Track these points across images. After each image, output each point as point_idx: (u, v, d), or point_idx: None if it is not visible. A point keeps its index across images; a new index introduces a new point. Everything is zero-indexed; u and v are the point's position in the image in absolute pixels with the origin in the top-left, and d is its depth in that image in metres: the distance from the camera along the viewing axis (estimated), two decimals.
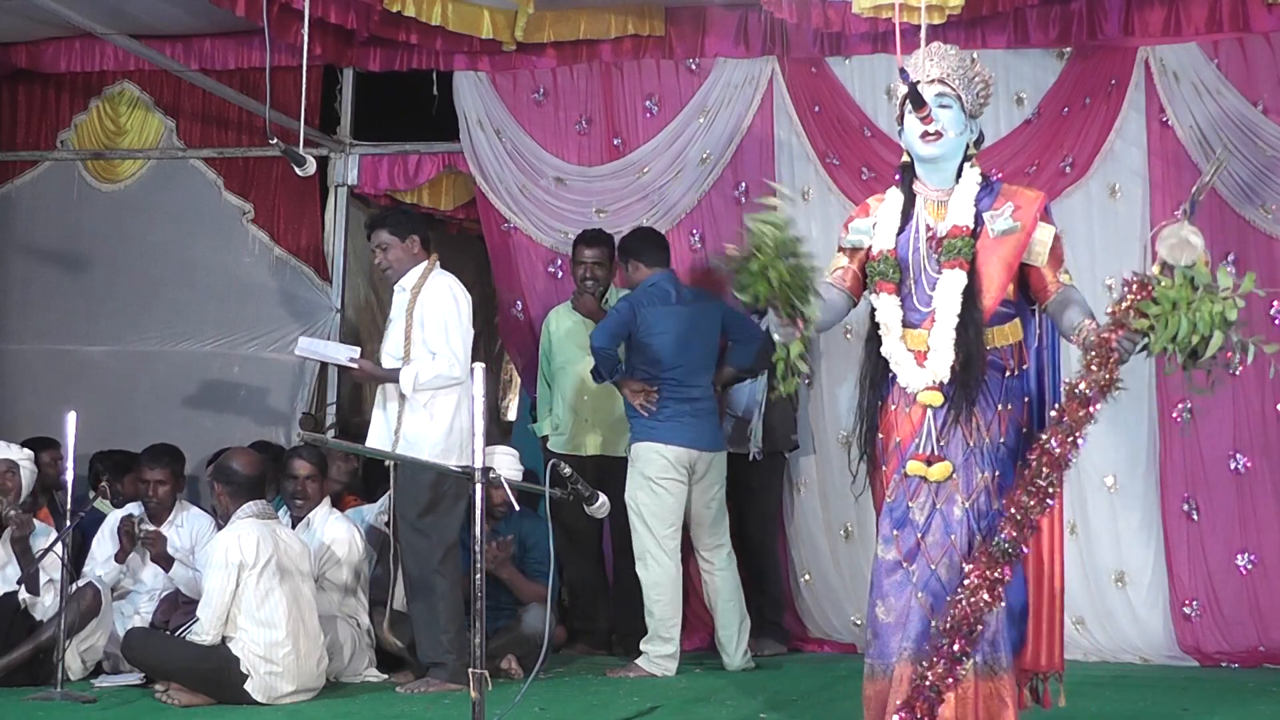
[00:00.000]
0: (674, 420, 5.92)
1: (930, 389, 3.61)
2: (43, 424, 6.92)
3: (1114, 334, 3.38)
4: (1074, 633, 6.46)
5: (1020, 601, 3.61)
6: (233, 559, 5.10)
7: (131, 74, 7.85)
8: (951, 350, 3.58)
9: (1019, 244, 3.63)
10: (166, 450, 6.15)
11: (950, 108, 3.64)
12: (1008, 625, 3.56)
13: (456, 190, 7.75)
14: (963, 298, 3.57)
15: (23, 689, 5.42)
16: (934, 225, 3.68)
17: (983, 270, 3.59)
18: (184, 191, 7.86)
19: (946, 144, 3.65)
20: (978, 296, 3.58)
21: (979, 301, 3.58)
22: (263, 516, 5.31)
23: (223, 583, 5.10)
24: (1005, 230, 3.60)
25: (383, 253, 5.65)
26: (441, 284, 5.61)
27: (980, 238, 3.62)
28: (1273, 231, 6.43)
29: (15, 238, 7.98)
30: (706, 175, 6.99)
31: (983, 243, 3.61)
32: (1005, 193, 3.69)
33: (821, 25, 6.47)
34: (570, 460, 5.65)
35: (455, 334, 5.52)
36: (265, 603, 5.13)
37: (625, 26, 6.96)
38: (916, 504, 3.61)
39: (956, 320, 3.57)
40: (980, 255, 3.60)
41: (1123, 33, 6.60)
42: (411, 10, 6.48)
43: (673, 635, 5.89)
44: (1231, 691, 5.46)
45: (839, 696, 5.32)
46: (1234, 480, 6.43)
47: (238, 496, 5.34)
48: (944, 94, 3.64)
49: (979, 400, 3.59)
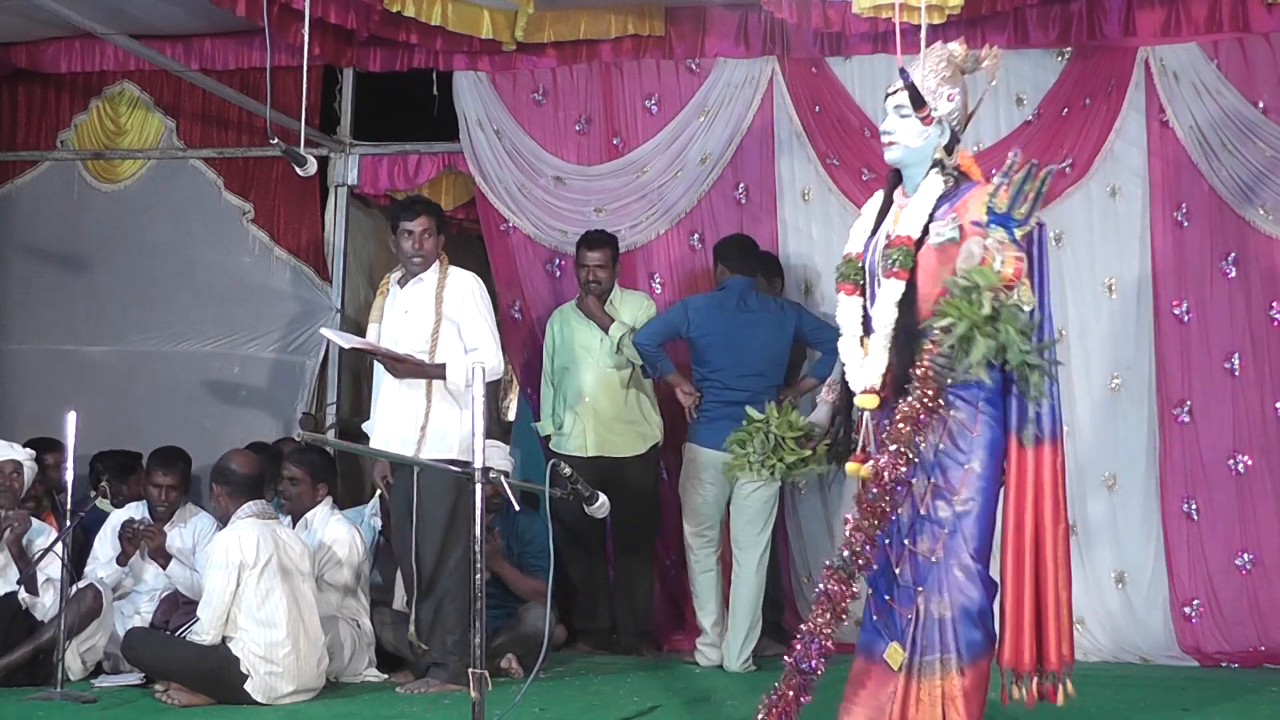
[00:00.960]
0: (714, 423, 5.98)
1: (867, 393, 3.69)
2: (43, 424, 6.92)
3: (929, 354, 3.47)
4: (1074, 633, 6.46)
5: (980, 603, 3.63)
6: (233, 559, 5.10)
7: (131, 74, 7.85)
8: (885, 357, 3.65)
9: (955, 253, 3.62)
10: (177, 455, 6.15)
11: (908, 117, 3.72)
12: (966, 627, 3.59)
13: (456, 190, 7.75)
14: (898, 307, 3.63)
15: (23, 689, 5.42)
16: (891, 232, 3.74)
17: (920, 280, 3.64)
18: (184, 191, 7.86)
19: (896, 153, 3.74)
20: (915, 305, 3.62)
21: (915, 311, 3.62)
22: (262, 516, 5.32)
23: (223, 582, 5.10)
24: (945, 240, 3.63)
25: (420, 239, 5.60)
26: (469, 279, 5.64)
27: (924, 247, 3.65)
28: (1273, 232, 6.43)
29: (15, 238, 7.99)
30: (706, 175, 6.99)
31: (923, 253, 3.65)
32: (973, 196, 3.67)
33: (821, 25, 6.47)
34: (571, 460, 5.67)
35: (494, 328, 5.60)
36: (266, 603, 5.12)
37: (625, 26, 6.96)
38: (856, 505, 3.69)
39: (892, 329, 3.64)
40: (920, 264, 3.64)
41: (1123, 33, 6.60)
42: (411, 10, 6.47)
43: (704, 625, 6.16)
44: (1231, 691, 5.46)
45: (839, 696, 5.31)
46: (1234, 480, 6.43)
47: (237, 497, 5.36)
48: (901, 105, 3.73)
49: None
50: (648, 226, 7.04)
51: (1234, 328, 6.48)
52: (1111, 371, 6.60)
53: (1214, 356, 6.49)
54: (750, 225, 6.97)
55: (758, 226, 6.96)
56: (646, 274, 7.06)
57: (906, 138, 3.72)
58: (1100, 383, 6.61)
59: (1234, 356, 6.47)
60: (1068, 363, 6.61)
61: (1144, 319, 6.58)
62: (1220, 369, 6.49)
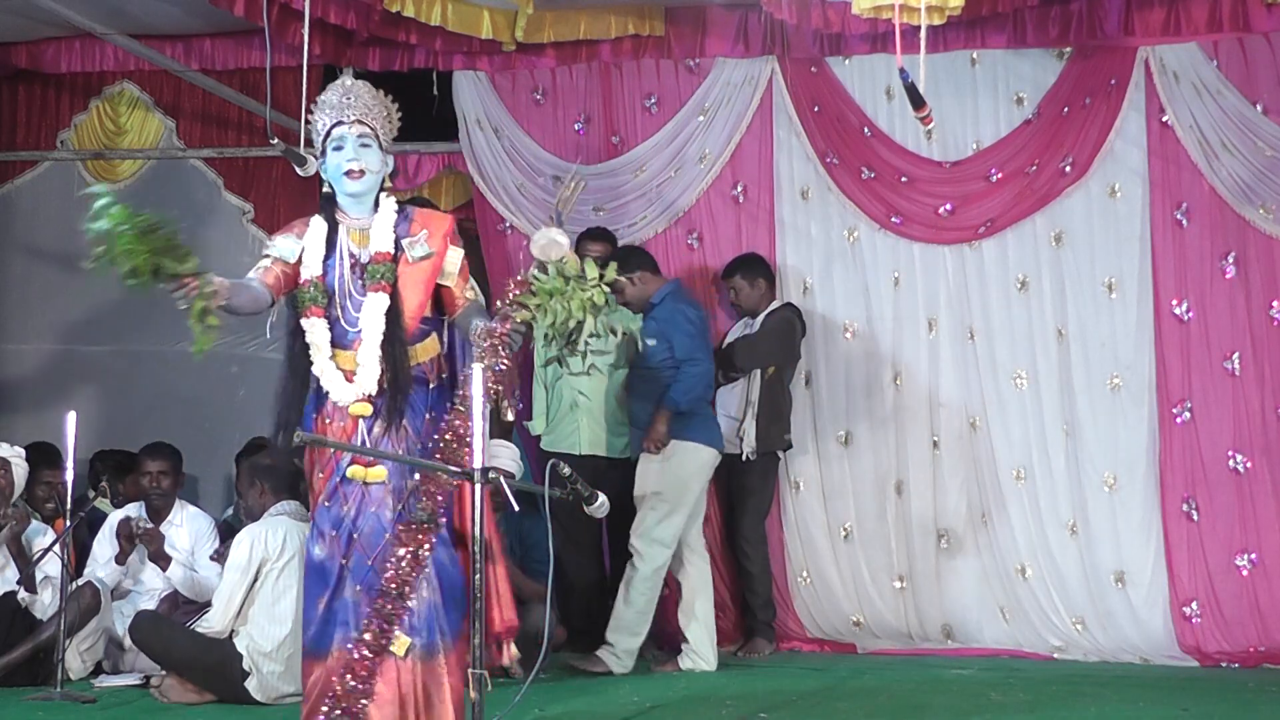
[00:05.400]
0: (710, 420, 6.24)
1: (360, 401, 3.89)
2: (43, 424, 6.91)
3: (502, 326, 3.80)
4: (1074, 633, 6.48)
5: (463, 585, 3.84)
6: (256, 553, 5.20)
7: (131, 74, 7.85)
8: (379, 366, 3.88)
9: (433, 267, 3.96)
10: (164, 445, 6.24)
11: (370, 146, 3.99)
12: (448, 609, 3.82)
13: (456, 190, 7.74)
14: (386, 319, 3.88)
15: (23, 689, 5.42)
16: (357, 252, 3.97)
17: (404, 292, 3.92)
18: (184, 191, 7.84)
19: (368, 181, 3.99)
20: (401, 316, 3.90)
21: (402, 321, 3.90)
22: (294, 516, 5.40)
23: (241, 575, 5.17)
24: (421, 256, 3.95)
25: None
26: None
27: (400, 263, 3.94)
28: (1273, 231, 6.44)
29: (15, 238, 7.98)
30: (705, 174, 7.00)
31: (402, 267, 3.93)
32: (419, 219, 4.03)
33: (821, 25, 6.46)
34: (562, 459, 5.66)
35: None
36: (281, 600, 5.16)
37: (625, 26, 6.95)
38: (352, 506, 3.88)
39: (382, 339, 3.87)
40: (401, 279, 3.93)
41: (1123, 33, 6.60)
42: (411, 10, 6.47)
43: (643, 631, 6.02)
44: (1231, 691, 5.47)
45: (839, 696, 5.33)
46: (1234, 480, 6.43)
47: (278, 492, 5.48)
48: (365, 135, 3.99)
49: (407, 411, 3.90)
50: (646, 225, 7.05)
51: (1234, 327, 6.48)
52: (1111, 371, 6.60)
53: (1214, 356, 6.50)
54: (749, 224, 6.98)
55: (756, 225, 6.97)
56: None
57: (372, 165, 3.99)
58: (1100, 383, 6.61)
59: (1234, 356, 6.48)
60: (1068, 362, 6.63)
61: (1144, 319, 6.58)
62: (1220, 369, 6.49)
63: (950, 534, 6.73)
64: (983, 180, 6.78)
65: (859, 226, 6.91)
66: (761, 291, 6.68)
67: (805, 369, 6.86)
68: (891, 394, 6.84)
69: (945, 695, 5.35)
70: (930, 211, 6.82)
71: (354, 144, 3.97)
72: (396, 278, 3.91)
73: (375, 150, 4.00)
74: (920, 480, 6.76)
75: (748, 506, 6.58)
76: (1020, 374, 6.70)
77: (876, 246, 6.89)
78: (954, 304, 6.80)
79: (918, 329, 6.83)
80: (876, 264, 6.89)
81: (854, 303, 6.90)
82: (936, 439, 6.76)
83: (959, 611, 6.68)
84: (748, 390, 6.53)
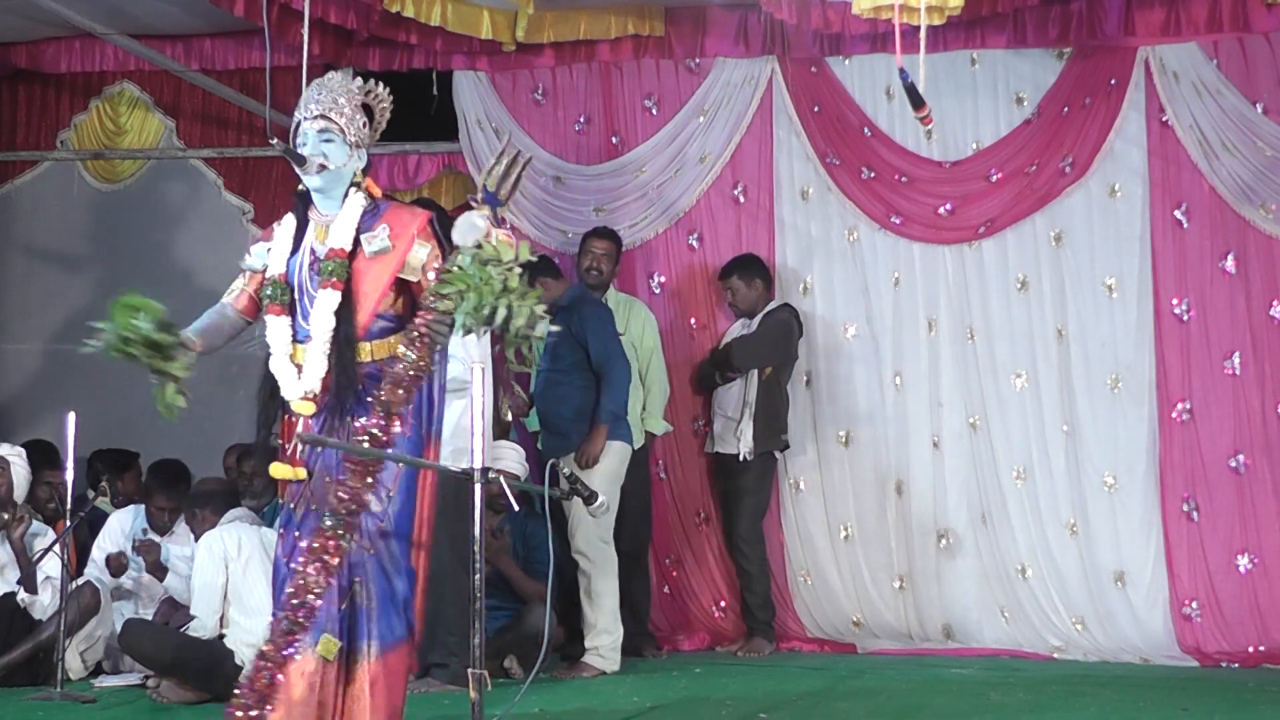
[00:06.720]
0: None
1: (303, 399, 3.85)
2: (43, 424, 6.91)
3: (425, 319, 3.71)
4: (1074, 633, 6.48)
5: (406, 591, 3.84)
6: (216, 551, 5.32)
7: (131, 74, 7.84)
8: (324, 364, 3.83)
9: (394, 262, 3.87)
10: (177, 475, 6.21)
11: (333, 141, 3.94)
12: (386, 614, 3.78)
13: (456, 190, 7.73)
14: (336, 316, 3.83)
15: (22, 689, 5.42)
16: (318, 248, 3.94)
17: (358, 288, 3.86)
18: (184, 191, 7.85)
19: (329, 175, 3.95)
20: (353, 313, 3.84)
21: (353, 318, 3.84)
22: (246, 520, 5.55)
23: (210, 575, 5.28)
24: (378, 250, 3.87)
25: None
26: None
27: (357, 258, 3.88)
28: (1273, 231, 6.44)
29: (15, 238, 7.98)
30: (705, 175, 7.00)
31: (359, 263, 3.87)
32: (389, 213, 3.96)
33: (821, 26, 6.46)
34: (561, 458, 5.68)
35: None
36: (254, 592, 5.21)
37: (625, 26, 6.95)
38: (300, 505, 3.87)
39: (330, 336, 3.83)
40: (356, 275, 3.86)
41: (1123, 33, 6.61)
42: (411, 10, 6.47)
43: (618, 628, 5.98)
44: (1231, 691, 5.46)
45: (838, 696, 5.33)
46: (1234, 480, 6.44)
47: (219, 510, 5.67)
48: (326, 129, 3.95)
49: (356, 409, 3.80)
50: (647, 225, 7.05)
51: (1234, 327, 6.48)
52: (1111, 371, 6.60)
53: (1214, 356, 6.50)
54: (749, 224, 6.98)
55: (756, 226, 6.97)
56: (645, 273, 7.07)
57: (335, 159, 3.94)
58: (1100, 383, 6.61)
59: (1234, 356, 6.48)
60: (1068, 362, 6.63)
61: (1144, 319, 6.58)
62: (1220, 369, 6.50)
63: (950, 534, 6.73)
64: (983, 180, 6.78)
65: (859, 226, 6.91)
66: (759, 292, 6.68)
67: (805, 369, 6.86)
68: (891, 394, 6.84)
69: (945, 695, 5.35)
70: (930, 211, 6.82)
71: (315, 139, 3.95)
72: (351, 274, 3.85)
73: (339, 144, 3.95)
74: (920, 480, 6.76)
75: (745, 507, 6.58)
76: (1020, 374, 6.70)
77: (876, 246, 6.89)
78: (954, 304, 6.80)
79: (918, 329, 6.83)
80: (876, 264, 6.89)
81: (854, 303, 6.90)
82: (936, 439, 6.76)
83: (959, 611, 6.68)
84: (745, 391, 6.54)
